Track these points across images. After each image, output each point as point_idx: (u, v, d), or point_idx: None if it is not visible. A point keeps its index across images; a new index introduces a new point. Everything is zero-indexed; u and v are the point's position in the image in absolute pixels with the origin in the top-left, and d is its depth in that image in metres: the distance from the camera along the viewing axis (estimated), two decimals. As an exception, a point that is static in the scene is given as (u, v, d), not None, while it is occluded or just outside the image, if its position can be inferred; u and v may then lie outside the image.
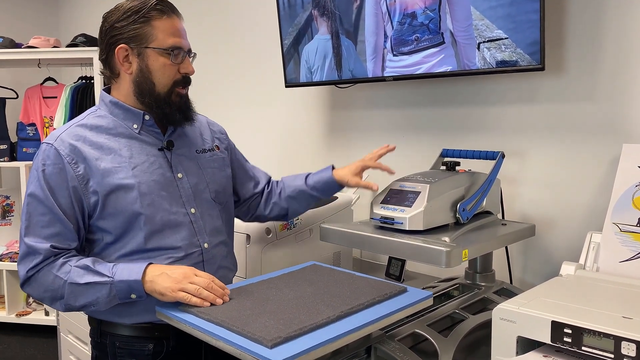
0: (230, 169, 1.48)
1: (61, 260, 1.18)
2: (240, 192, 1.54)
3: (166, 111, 1.28)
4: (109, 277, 1.15)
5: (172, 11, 1.28)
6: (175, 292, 1.10)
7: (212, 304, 1.09)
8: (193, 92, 1.38)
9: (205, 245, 1.31)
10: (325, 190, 1.51)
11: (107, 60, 1.29)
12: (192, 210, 1.30)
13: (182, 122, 1.31)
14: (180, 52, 1.27)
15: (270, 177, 1.62)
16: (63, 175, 1.19)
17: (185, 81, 1.30)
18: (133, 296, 1.15)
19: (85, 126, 1.26)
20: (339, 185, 1.50)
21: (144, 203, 1.22)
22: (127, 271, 1.15)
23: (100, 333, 1.29)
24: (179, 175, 1.31)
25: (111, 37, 1.26)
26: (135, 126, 1.29)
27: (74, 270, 1.16)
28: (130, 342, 1.26)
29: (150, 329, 1.25)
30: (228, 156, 1.48)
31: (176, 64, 1.27)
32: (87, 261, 1.17)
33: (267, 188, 1.58)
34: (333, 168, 1.52)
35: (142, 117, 1.29)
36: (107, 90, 1.33)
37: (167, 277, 1.12)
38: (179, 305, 1.11)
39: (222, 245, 1.37)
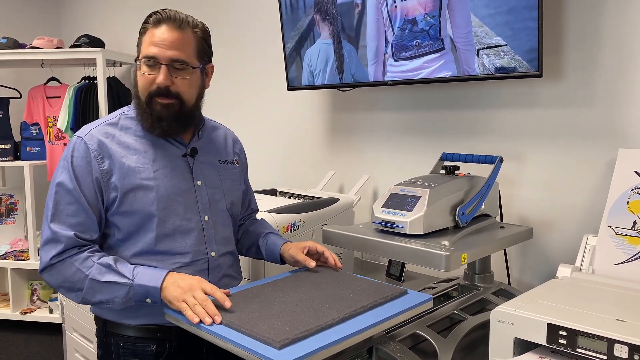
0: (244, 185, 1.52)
1: (85, 254, 1.20)
2: None
3: (143, 119, 1.28)
4: (129, 279, 1.18)
5: (160, 21, 1.25)
6: (179, 302, 1.12)
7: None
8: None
9: (212, 253, 1.33)
10: (269, 255, 1.46)
11: None
12: (206, 218, 1.33)
13: (153, 130, 1.29)
14: (152, 62, 1.24)
15: (257, 211, 1.63)
16: (89, 168, 1.23)
17: (159, 92, 1.24)
18: (148, 300, 1.18)
19: (115, 125, 1.30)
20: (281, 259, 1.43)
21: (160, 206, 1.25)
22: (147, 276, 1.18)
23: (105, 333, 1.32)
24: (198, 182, 1.34)
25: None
26: None
27: (97, 267, 1.19)
28: (133, 343, 1.28)
29: (154, 330, 1.28)
30: (243, 174, 1.52)
31: (151, 74, 1.24)
32: (109, 260, 1.20)
33: (249, 218, 1.59)
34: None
35: None
36: None
37: (177, 287, 1.15)
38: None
39: (229, 255, 1.40)
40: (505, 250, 1.71)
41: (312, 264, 1.35)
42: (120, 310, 1.24)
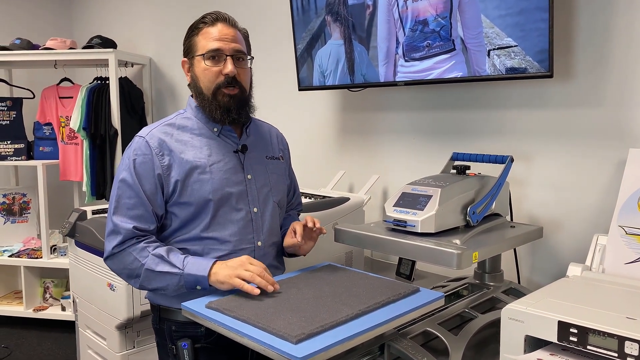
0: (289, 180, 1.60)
1: (142, 244, 1.32)
2: None
3: (212, 111, 1.38)
4: (179, 269, 1.29)
5: (217, 20, 1.38)
6: (232, 278, 1.23)
7: (256, 295, 1.19)
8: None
9: (259, 243, 1.42)
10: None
11: None
12: (255, 209, 1.42)
13: (224, 121, 1.39)
14: (218, 55, 1.36)
15: (300, 205, 1.73)
16: (150, 164, 1.34)
17: (228, 82, 1.37)
18: (198, 287, 1.28)
19: (173, 125, 1.41)
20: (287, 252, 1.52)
21: (215, 197, 1.35)
22: (196, 266, 1.29)
23: (159, 319, 1.42)
24: (249, 176, 1.43)
25: (183, 52, 1.45)
26: (215, 129, 1.43)
27: (151, 258, 1.30)
28: (184, 326, 1.37)
29: None
30: (287, 168, 1.60)
31: (216, 66, 1.36)
32: (162, 251, 1.31)
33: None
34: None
35: None
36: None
37: (226, 267, 1.26)
38: (204, 303, 1.17)
39: (274, 245, 1.48)
40: (515, 250, 1.72)
41: (298, 238, 1.40)
42: (173, 297, 1.34)
